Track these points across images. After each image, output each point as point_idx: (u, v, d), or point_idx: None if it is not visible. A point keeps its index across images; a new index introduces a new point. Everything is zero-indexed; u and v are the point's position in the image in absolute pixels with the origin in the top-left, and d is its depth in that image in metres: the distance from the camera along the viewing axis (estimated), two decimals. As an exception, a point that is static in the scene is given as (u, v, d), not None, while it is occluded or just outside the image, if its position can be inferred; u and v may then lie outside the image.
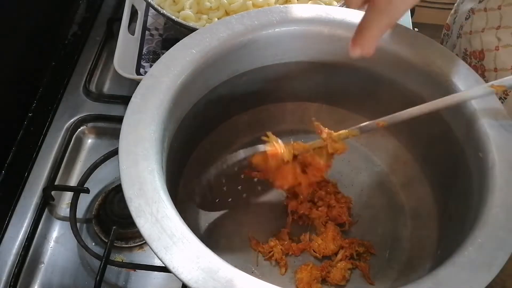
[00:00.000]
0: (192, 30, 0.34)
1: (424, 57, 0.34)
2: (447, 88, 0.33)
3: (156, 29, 0.53)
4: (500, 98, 0.41)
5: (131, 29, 0.51)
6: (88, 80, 0.49)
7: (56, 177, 0.42)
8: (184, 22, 0.44)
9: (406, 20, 0.46)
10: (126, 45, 0.48)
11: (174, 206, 0.26)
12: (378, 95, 0.38)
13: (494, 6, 0.39)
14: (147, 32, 0.53)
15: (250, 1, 0.46)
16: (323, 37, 0.36)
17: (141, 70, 0.49)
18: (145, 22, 0.53)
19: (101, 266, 0.35)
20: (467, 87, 0.32)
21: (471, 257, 0.25)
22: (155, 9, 0.45)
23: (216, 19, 0.46)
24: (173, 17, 0.44)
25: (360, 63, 0.37)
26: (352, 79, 0.38)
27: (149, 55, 0.51)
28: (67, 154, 0.44)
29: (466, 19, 0.43)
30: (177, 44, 0.33)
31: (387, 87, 0.37)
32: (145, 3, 0.47)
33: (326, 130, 0.32)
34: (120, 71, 0.45)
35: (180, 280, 0.23)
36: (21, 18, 0.46)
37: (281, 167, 0.32)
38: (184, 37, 0.34)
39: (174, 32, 0.52)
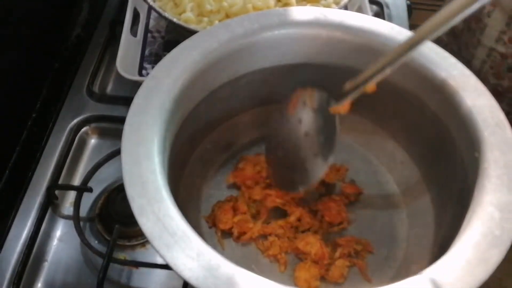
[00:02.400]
0: (193, 32, 0.35)
1: (421, 59, 0.34)
2: (443, 88, 0.33)
3: (158, 31, 0.54)
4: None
5: (133, 31, 0.51)
6: (91, 81, 0.50)
7: (60, 177, 0.43)
8: (185, 25, 0.45)
9: (403, 22, 0.47)
10: (128, 47, 0.49)
11: (175, 205, 0.26)
12: (376, 95, 0.38)
13: None
14: (149, 34, 0.53)
15: (250, 4, 0.47)
16: (321, 39, 0.36)
17: (143, 72, 0.49)
18: (147, 24, 0.54)
19: (104, 264, 0.36)
20: (463, 86, 0.32)
21: (466, 255, 0.25)
22: (157, 12, 0.46)
23: (216, 21, 0.47)
24: (175, 19, 0.45)
25: (358, 65, 0.37)
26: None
27: (151, 57, 0.51)
28: (70, 154, 0.44)
29: None
30: (178, 46, 0.33)
31: (384, 88, 0.37)
32: (147, 6, 0.47)
33: None
34: (123, 73, 0.45)
35: (182, 277, 0.24)
36: (24, 20, 0.46)
37: None
38: (185, 40, 0.34)
39: (175, 35, 0.53)
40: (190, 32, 0.42)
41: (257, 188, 0.38)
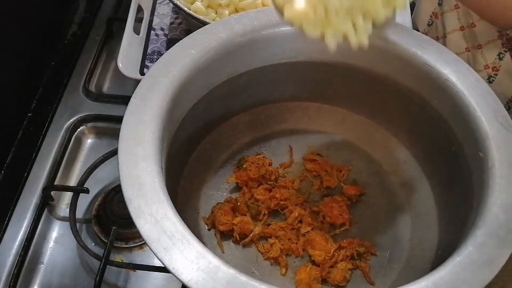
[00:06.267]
0: (201, 22, 0.34)
1: (423, 57, 0.34)
2: (446, 87, 0.33)
3: (162, 29, 0.53)
4: (489, 77, 0.42)
5: (136, 29, 0.50)
6: (87, 80, 0.49)
7: (56, 177, 0.42)
8: (194, 14, 0.44)
9: (406, 20, 0.46)
10: (130, 45, 0.48)
11: (173, 207, 0.26)
12: (378, 94, 0.38)
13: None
14: (152, 32, 0.52)
15: (260, 0, 0.46)
16: (322, 37, 0.36)
17: (145, 71, 0.48)
18: (150, 22, 0.53)
19: (101, 266, 0.35)
20: (466, 85, 0.32)
21: (471, 256, 0.25)
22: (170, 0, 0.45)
23: (227, 12, 0.46)
24: (185, 8, 0.44)
25: (360, 63, 0.37)
26: (351, 79, 0.38)
27: (153, 55, 0.50)
28: (66, 154, 0.44)
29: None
30: (176, 44, 0.33)
31: (386, 86, 0.37)
32: (151, 3, 0.46)
33: None
34: (124, 71, 0.45)
35: (180, 280, 0.23)
36: (20, 18, 0.45)
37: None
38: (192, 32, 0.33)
39: (179, 33, 0.52)
40: (199, 22, 0.41)
41: (260, 188, 0.38)
